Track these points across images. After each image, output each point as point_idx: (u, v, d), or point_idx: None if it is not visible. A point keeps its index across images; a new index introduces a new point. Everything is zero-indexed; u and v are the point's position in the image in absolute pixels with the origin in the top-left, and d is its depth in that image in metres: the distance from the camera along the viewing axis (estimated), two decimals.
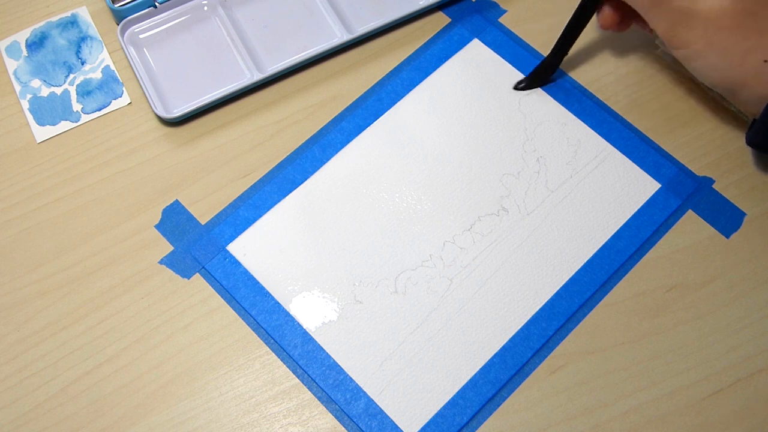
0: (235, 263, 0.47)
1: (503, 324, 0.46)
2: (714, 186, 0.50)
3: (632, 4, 0.46)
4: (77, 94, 0.53)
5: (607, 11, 0.48)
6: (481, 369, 0.45)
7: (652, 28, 0.46)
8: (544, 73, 0.52)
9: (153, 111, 0.51)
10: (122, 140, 0.51)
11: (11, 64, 0.54)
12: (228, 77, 0.52)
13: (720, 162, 0.50)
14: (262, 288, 0.47)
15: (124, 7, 0.53)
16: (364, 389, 0.44)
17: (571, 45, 0.50)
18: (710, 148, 0.51)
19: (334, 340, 0.45)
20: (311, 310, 0.46)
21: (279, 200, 0.49)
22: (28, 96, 0.52)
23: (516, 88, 0.52)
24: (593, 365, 0.45)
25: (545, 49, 0.53)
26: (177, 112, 0.51)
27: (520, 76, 0.53)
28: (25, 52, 0.54)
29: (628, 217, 0.49)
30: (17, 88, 0.53)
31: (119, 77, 0.53)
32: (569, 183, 0.50)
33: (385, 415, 0.44)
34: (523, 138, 0.51)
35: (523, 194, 0.49)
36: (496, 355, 0.45)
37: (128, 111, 0.52)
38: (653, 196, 0.49)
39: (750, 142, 0.47)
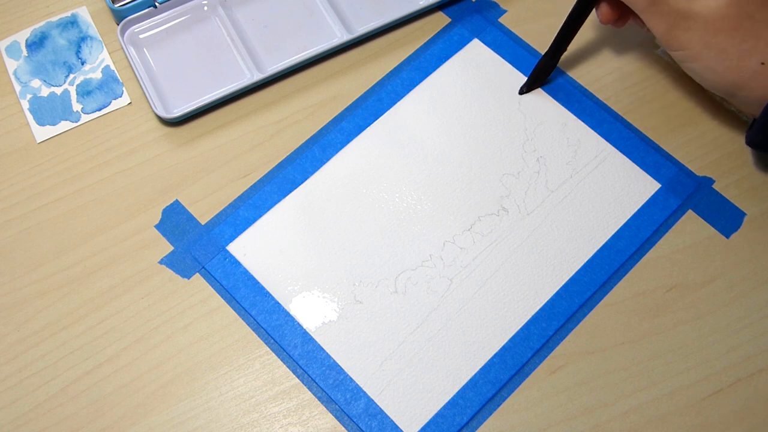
0: (235, 263, 0.47)
1: (503, 324, 0.46)
2: (714, 186, 0.50)
3: (629, 3, 0.46)
4: (77, 94, 0.53)
5: (604, 8, 0.48)
6: (481, 369, 0.45)
7: (649, 28, 0.46)
8: (542, 74, 0.52)
9: (153, 111, 0.51)
10: (122, 140, 0.51)
11: (11, 64, 0.54)
12: (228, 77, 0.52)
13: (720, 162, 0.50)
14: (262, 288, 0.47)
15: (124, 7, 0.53)
16: (364, 389, 0.44)
17: (568, 44, 0.50)
18: (710, 148, 0.51)
19: (334, 340, 0.45)
20: (311, 310, 0.46)
21: (279, 200, 0.49)
22: (28, 96, 0.52)
23: (520, 93, 0.52)
24: (593, 365, 0.45)
25: (545, 49, 0.53)
26: (177, 112, 0.51)
27: (520, 76, 0.53)
28: (25, 52, 0.54)
29: (628, 217, 0.49)
30: (17, 88, 0.53)
31: (119, 77, 0.53)
32: (569, 183, 0.50)
33: (385, 415, 0.44)
34: (523, 138, 0.51)
35: (523, 194, 0.49)
36: (496, 355, 0.45)
37: (128, 111, 0.52)
38: (653, 196, 0.49)
39: (750, 141, 0.47)
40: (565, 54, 0.53)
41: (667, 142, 0.51)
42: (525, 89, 0.52)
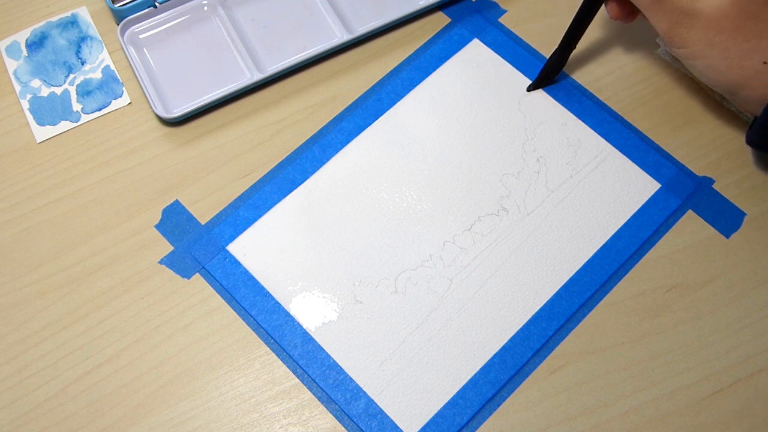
0: (235, 263, 0.47)
1: (503, 324, 0.46)
2: (714, 186, 0.50)
3: (633, 1, 0.46)
4: (77, 94, 0.53)
5: (613, 4, 0.49)
6: (481, 369, 0.45)
7: (652, 25, 0.46)
8: (551, 72, 0.52)
9: (153, 111, 0.51)
10: (122, 140, 0.51)
11: (11, 64, 0.54)
12: (228, 77, 0.52)
13: (720, 162, 0.50)
14: (262, 288, 0.47)
15: (124, 7, 0.53)
16: (364, 389, 0.44)
17: (577, 41, 0.50)
18: (710, 148, 0.51)
19: (334, 340, 0.45)
20: (311, 310, 0.46)
21: (279, 200, 0.49)
22: (28, 96, 0.52)
23: (529, 89, 0.52)
24: (593, 365, 0.45)
25: (545, 49, 0.53)
26: (177, 112, 0.51)
27: (520, 76, 0.53)
28: (25, 52, 0.54)
29: (628, 217, 0.49)
30: (17, 88, 0.53)
31: (119, 77, 0.53)
32: (569, 183, 0.50)
33: (385, 415, 0.44)
34: (523, 138, 0.51)
35: (523, 194, 0.49)
36: (496, 355, 0.45)
37: (128, 111, 0.52)
38: (653, 196, 0.49)
39: (750, 141, 0.47)
40: None
41: (667, 142, 0.51)
42: (533, 87, 0.52)
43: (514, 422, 0.44)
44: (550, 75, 0.52)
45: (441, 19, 0.55)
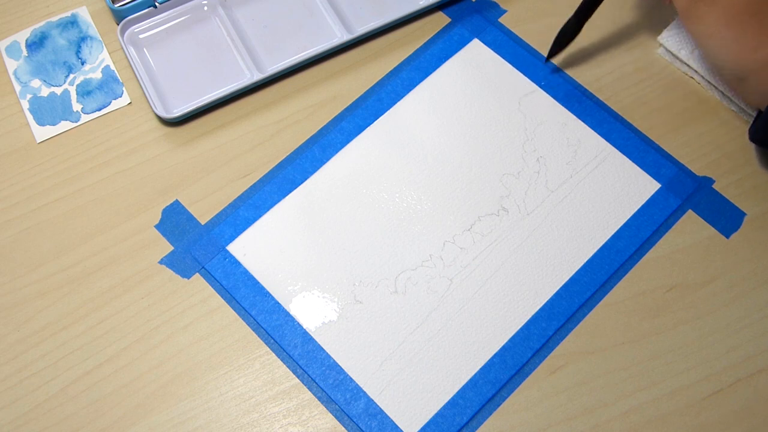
0: (235, 263, 0.47)
1: (503, 324, 0.46)
2: (714, 186, 0.50)
3: None
4: (77, 94, 0.53)
5: None
6: (481, 369, 0.45)
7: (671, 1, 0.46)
8: (565, 39, 0.52)
9: (153, 111, 0.51)
10: (122, 140, 0.51)
11: (11, 64, 0.54)
12: (228, 77, 0.52)
13: (720, 162, 0.50)
14: (262, 288, 0.47)
15: (124, 7, 0.53)
16: (364, 389, 0.44)
17: (594, 8, 0.50)
18: (710, 148, 0.51)
19: (334, 340, 0.45)
20: (311, 310, 0.46)
21: (279, 200, 0.49)
22: (28, 96, 0.52)
23: (545, 62, 0.53)
24: (593, 365, 0.45)
25: (545, 49, 0.53)
26: (177, 112, 0.51)
27: (520, 76, 0.53)
28: (25, 52, 0.54)
29: (628, 217, 0.49)
30: (17, 88, 0.53)
31: (119, 77, 0.53)
32: (569, 183, 0.50)
33: (385, 415, 0.44)
34: (523, 138, 0.51)
35: (523, 194, 0.49)
36: (496, 355, 0.45)
37: (128, 111, 0.52)
38: (653, 196, 0.49)
39: (753, 137, 0.47)
40: (565, 54, 0.53)
41: (667, 142, 0.51)
42: (549, 57, 0.52)
43: (514, 422, 0.44)
44: (563, 43, 0.52)
45: (441, 19, 0.55)
